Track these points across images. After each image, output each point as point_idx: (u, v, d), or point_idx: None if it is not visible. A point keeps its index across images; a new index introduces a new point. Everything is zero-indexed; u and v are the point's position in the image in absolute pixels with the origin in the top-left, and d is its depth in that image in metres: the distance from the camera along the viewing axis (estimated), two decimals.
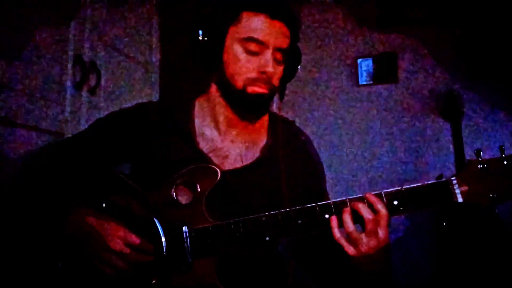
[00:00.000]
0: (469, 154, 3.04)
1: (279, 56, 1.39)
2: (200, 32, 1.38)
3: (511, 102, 3.09)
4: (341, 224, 1.23)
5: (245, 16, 1.36)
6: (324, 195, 1.55)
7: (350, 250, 1.22)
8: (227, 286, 1.30)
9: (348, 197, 1.25)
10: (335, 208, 1.24)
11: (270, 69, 1.37)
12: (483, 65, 3.10)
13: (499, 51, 3.05)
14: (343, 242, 1.23)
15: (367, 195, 1.23)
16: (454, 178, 1.21)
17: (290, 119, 1.66)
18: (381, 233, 1.20)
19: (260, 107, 1.44)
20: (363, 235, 1.21)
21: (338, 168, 3.25)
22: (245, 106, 1.41)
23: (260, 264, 1.44)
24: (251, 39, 1.35)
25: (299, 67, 1.54)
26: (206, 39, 1.37)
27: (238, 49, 1.37)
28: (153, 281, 1.31)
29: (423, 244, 3.03)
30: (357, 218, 1.22)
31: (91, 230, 1.31)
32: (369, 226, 1.20)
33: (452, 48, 3.21)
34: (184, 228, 1.31)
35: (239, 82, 1.38)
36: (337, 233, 1.23)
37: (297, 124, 1.66)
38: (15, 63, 1.97)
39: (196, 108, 1.50)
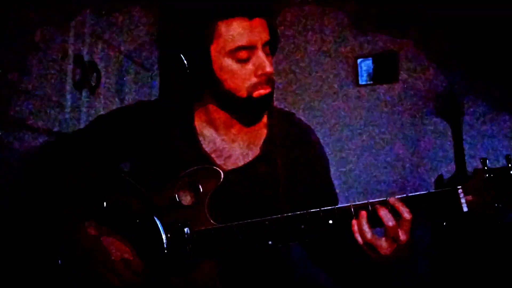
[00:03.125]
0: (469, 154, 3.04)
1: (266, 49, 1.35)
2: (182, 57, 1.32)
3: (511, 102, 3.09)
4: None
5: (222, 26, 1.29)
6: (330, 185, 1.53)
7: (372, 255, 1.21)
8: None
9: (370, 200, 1.21)
10: (356, 212, 1.21)
11: (268, 69, 1.32)
12: (483, 65, 3.10)
13: (499, 51, 3.05)
14: (364, 247, 1.21)
15: (392, 200, 1.19)
16: (459, 187, 1.18)
17: None
18: (403, 236, 1.18)
19: (267, 107, 1.40)
20: (383, 241, 1.19)
21: (337, 168, 3.25)
22: (253, 111, 1.38)
23: (261, 265, 1.43)
24: (238, 49, 1.30)
25: (298, 67, 1.51)
26: (191, 64, 1.32)
27: (228, 62, 1.31)
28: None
29: (421, 244, 3.02)
30: (378, 221, 1.20)
31: (93, 244, 1.34)
32: (391, 232, 1.18)
33: (452, 48, 3.21)
34: (186, 230, 1.30)
35: (243, 92, 1.33)
36: (359, 238, 1.21)
37: None
38: (15, 63, 1.97)
39: (196, 113, 1.48)
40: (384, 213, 1.19)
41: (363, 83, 3.41)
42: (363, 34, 3.41)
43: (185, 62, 1.33)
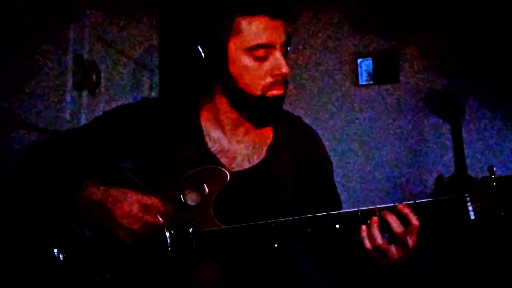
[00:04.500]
0: (469, 154, 3.05)
1: (283, 50, 1.35)
2: (200, 49, 1.32)
3: (511, 102, 3.10)
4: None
5: (244, 23, 1.29)
6: (334, 190, 1.53)
7: (380, 260, 1.22)
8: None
9: (377, 206, 1.22)
10: (363, 216, 1.22)
11: (285, 69, 1.32)
12: (483, 65, 3.11)
13: (499, 51, 3.06)
14: (372, 253, 1.21)
15: (400, 207, 1.20)
16: (467, 195, 1.20)
17: None
18: (411, 242, 1.18)
19: (279, 108, 1.40)
20: (392, 247, 1.20)
21: (337, 168, 3.24)
22: (264, 111, 1.37)
23: (265, 266, 1.43)
24: (257, 47, 1.30)
25: (298, 67, 1.50)
26: (207, 56, 1.32)
27: (246, 59, 1.31)
28: None
29: (421, 244, 3.02)
30: (385, 227, 1.20)
31: (105, 196, 1.31)
32: (399, 239, 1.19)
33: (452, 48, 3.22)
34: (190, 230, 1.30)
35: (258, 91, 1.33)
36: (367, 243, 1.21)
37: None
38: (15, 63, 1.96)
39: (201, 110, 1.47)
40: (392, 219, 1.19)
41: (363, 83, 3.40)
42: (363, 34, 3.41)
43: (202, 54, 1.32)
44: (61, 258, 1.36)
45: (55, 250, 1.36)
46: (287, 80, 1.36)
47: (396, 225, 1.19)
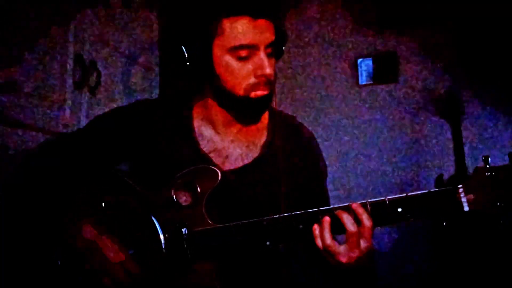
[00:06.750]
0: (469, 154, 3.04)
1: (269, 50, 1.35)
2: (184, 50, 1.33)
3: (511, 101, 3.09)
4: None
5: (226, 23, 1.30)
6: (324, 193, 1.54)
7: (331, 260, 1.21)
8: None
9: (335, 206, 1.22)
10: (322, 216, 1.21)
11: (267, 70, 1.32)
12: (483, 65, 3.10)
13: (499, 51, 3.05)
14: (324, 252, 1.21)
15: (354, 206, 1.19)
16: (460, 186, 1.16)
17: None
18: (364, 245, 1.19)
19: (264, 108, 1.41)
20: (343, 247, 1.19)
21: (337, 168, 3.25)
22: (249, 110, 1.38)
23: (260, 264, 1.43)
24: (240, 47, 1.30)
25: (298, 67, 1.50)
26: (192, 57, 1.33)
27: (229, 59, 1.32)
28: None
29: (421, 244, 3.03)
30: (341, 228, 1.19)
31: (90, 243, 1.33)
32: (351, 239, 1.18)
33: (452, 48, 3.21)
34: (184, 230, 1.31)
35: (240, 91, 1.34)
36: (319, 243, 1.21)
37: None
38: (16, 63, 1.97)
39: (194, 109, 1.48)
40: (346, 218, 1.19)
41: (363, 83, 3.40)
42: (363, 34, 3.41)
43: (186, 54, 1.33)
44: (59, 260, 1.37)
45: (53, 252, 1.37)
46: (271, 81, 1.36)
47: (350, 224, 1.18)
